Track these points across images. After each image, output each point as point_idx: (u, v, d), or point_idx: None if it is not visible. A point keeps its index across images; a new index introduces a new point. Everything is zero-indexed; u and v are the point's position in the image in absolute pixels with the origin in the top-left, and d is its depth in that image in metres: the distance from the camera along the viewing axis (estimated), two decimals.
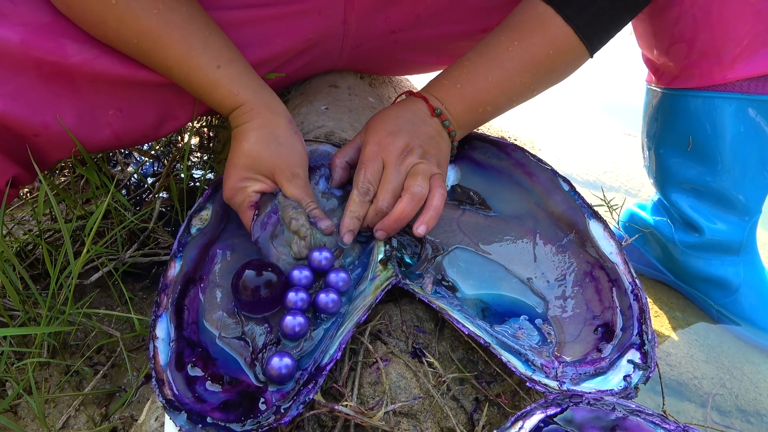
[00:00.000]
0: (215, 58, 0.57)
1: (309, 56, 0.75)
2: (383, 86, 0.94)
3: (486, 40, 0.64)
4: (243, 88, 0.58)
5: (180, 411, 0.46)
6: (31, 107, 0.56)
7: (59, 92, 0.57)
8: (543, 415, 0.45)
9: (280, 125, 0.59)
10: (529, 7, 0.62)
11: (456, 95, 0.63)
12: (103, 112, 0.61)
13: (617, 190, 1.25)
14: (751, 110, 0.74)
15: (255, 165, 0.58)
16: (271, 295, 0.54)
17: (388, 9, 0.72)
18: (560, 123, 1.45)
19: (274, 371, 0.49)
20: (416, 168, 0.58)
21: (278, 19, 0.67)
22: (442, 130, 0.62)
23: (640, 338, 0.54)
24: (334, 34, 0.73)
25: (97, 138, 0.62)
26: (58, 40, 0.54)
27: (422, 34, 0.78)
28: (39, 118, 0.57)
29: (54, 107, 0.57)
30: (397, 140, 0.59)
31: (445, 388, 0.53)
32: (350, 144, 0.63)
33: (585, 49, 0.62)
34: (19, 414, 0.61)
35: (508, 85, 0.63)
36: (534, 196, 0.66)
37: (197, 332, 0.53)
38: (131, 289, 0.74)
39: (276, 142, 0.58)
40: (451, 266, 0.62)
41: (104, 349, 0.67)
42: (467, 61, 0.64)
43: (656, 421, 0.45)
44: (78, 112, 0.59)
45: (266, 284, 0.54)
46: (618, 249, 0.60)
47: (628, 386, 0.50)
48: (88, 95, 0.59)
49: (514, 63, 0.61)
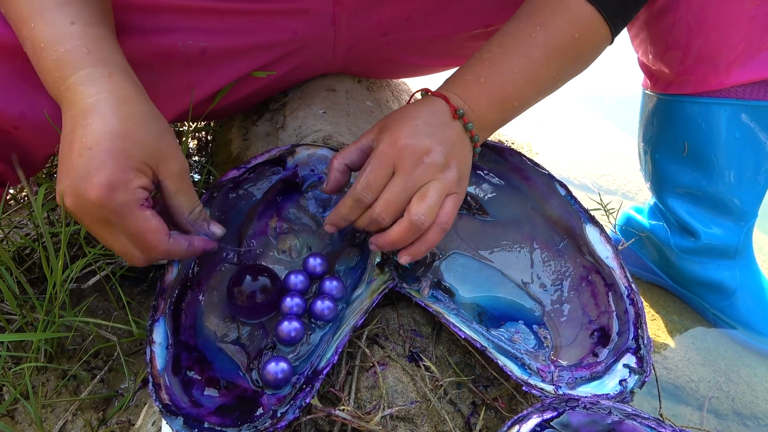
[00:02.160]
0: (72, 15, 0.46)
1: (300, 58, 0.75)
2: (381, 90, 0.94)
3: (504, 29, 0.58)
4: (98, 48, 0.46)
5: (177, 415, 0.46)
6: (5, 98, 0.55)
7: (35, 84, 0.53)
8: (539, 419, 0.46)
9: (148, 100, 0.47)
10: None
11: (480, 91, 0.55)
12: None
13: (614, 193, 1.26)
14: (744, 116, 0.74)
15: (133, 151, 0.44)
16: (266, 300, 0.54)
17: (378, 10, 0.71)
18: (557, 126, 1.46)
19: (271, 376, 0.49)
20: (429, 187, 0.51)
21: (264, 14, 0.66)
22: (464, 134, 0.55)
23: (636, 342, 0.54)
24: (324, 36, 0.73)
25: None
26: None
27: (415, 35, 0.78)
28: (15, 109, 0.55)
29: (30, 99, 0.56)
30: (415, 145, 0.51)
31: (442, 392, 0.53)
32: (354, 145, 0.56)
33: (608, 31, 0.58)
34: (16, 419, 0.61)
35: (535, 76, 0.57)
36: (531, 201, 0.66)
37: (194, 336, 0.53)
38: (129, 294, 0.74)
39: (153, 119, 0.47)
40: (449, 270, 0.62)
41: (101, 354, 0.67)
42: (487, 53, 0.57)
43: (652, 425, 0.46)
44: (55, 103, 0.55)
45: (262, 289, 0.54)
46: (614, 253, 0.60)
47: (624, 390, 0.50)
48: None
49: (539, 50, 0.56)
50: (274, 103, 0.85)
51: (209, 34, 0.64)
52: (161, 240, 0.46)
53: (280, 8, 0.66)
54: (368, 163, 0.52)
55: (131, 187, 0.44)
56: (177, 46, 0.62)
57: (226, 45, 0.66)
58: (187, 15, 0.62)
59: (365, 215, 0.52)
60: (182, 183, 0.48)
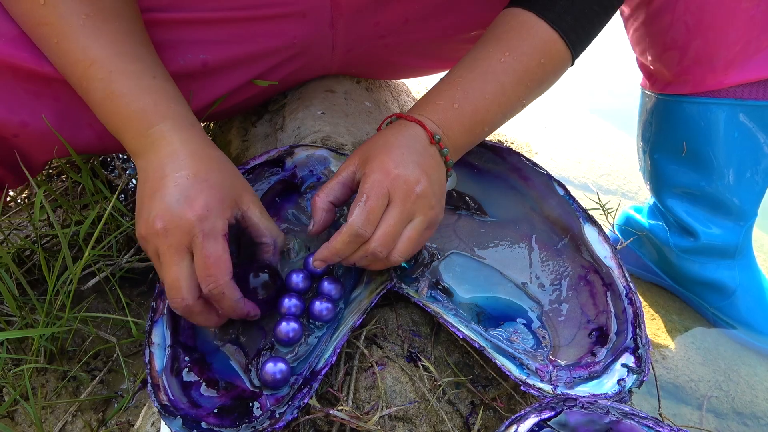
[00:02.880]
0: (152, 70, 0.52)
1: (299, 62, 0.75)
2: (380, 90, 0.94)
3: (472, 54, 0.60)
4: (177, 103, 0.52)
5: (175, 416, 0.46)
6: (7, 107, 0.55)
7: (36, 93, 0.56)
8: (537, 419, 0.46)
9: (213, 145, 0.53)
10: (511, 17, 0.60)
11: (454, 116, 0.56)
12: (84, 111, 0.58)
13: (614, 193, 1.26)
14: (742, 115, 0.74)
15: (223, 185, 0.50)
16: (266, 296, 0.54)
17: (377, 13, 0.71)
18: (557, 126, 1.46)
19: (269, 376, 0.49)
20: (417, 224, 0.52)
21: (261, 20, 0.66)
22: (440, 159, 0.56)
23: (634, 342, 0.54)
24: (322, 39, 0.73)
25: (80, 138, 0.61)
26: (33, 50, 0.54)
27: (413, 38, 0.78)
28: (16, 117, 0.56)
29: (31, 107, 0.57)
30: (408, 175, 0.51)
31: (441, 392, 0.53)
32: (335, 180, 0.55)
33: (570, 55, 0.61)
34: (16, 420, 0.61)
35: (505, 99, 0.59)
36: (529, 201, 0.66)
37: (193, 337, 0.53)
38: (128, 294, 0.74)
39: (228, 160, 0.53)
40: (447, 271, 0.62)
41: (101, 355, 0.67)
42: (459, 78, 0.58)
43: (650, 424, 0.46)
44: (57, 111, 0.58)
45: (263, 286, 0.53)
46: (612, 253, 0.60)
47: (622, 390, 0.50)
48: (65, 96, 0.58)
49: (508, 75, 0.58)
50: (273, 104, 0.85)
51: (209, 46, 0.65)
52: (226, 272, 0.48)
53: (277, 13, 0.66)
54: (363, 194, 0.50)
55: (223, 215, 0.49)
56: (177, 61, 0.63)
57: (226, 55, 0.66)
58: (186, 27, 0.63)
59: (361, 249, 0.51)
60: (264, 211, 0.53)
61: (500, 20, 0.61)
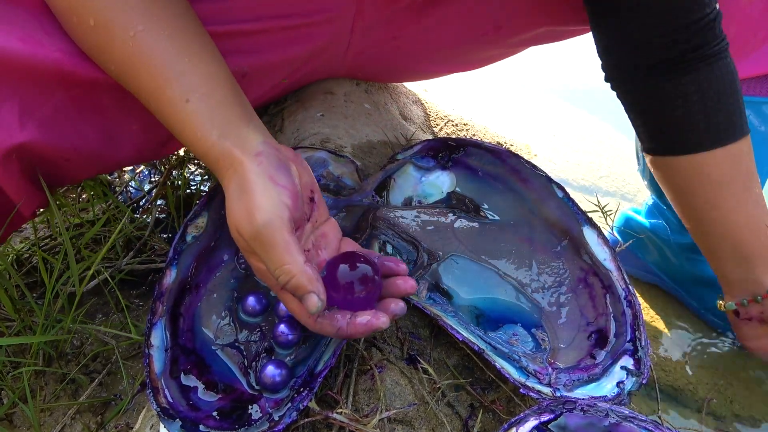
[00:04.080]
0: (187, 90, 0.48)
1: (312, 65, 0.75)
2: (379, 92, 0.94)
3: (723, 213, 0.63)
4: (210, 129, 0.47)
5: (174, 419, 0.46)
6: (62, 132, 0.53)
7: (86, 114, 0.54)
8: (536, 422, 0.46)
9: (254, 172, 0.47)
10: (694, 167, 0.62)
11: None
12: (127, 128, 0.58)
13: (613, 195, 1.26)
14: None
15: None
16: (367, 294, 0.47)
17: (396, 21, 0.71)
18: (556, 129, 1.46)
19: (268, 379, 0.49)
20: None
21: (293, 28, 0.65)
22: None
23: (633, 345, 0.54)
24: (339, 43, 0.73)
25: (121, 154, 0.61)
26: (90, 63, 0.52)
27: (426, 42, 0.78)
28: (68, 143, 0.54)
29: (82, 130, 0.55)
30: None
31: (440, 394, 0.53)
32: None
33: (744, 136, 0.63)
34: (14, 422, 0.61)
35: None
36: (528, 203, 0.66)
37: (192, 340, 0.53)
38: (127, 297, 0.74)
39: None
40: (446, 273, 0.62)
41: (100, 357, 0.67)
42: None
43: (649, 427, 0.46)
44: (103, 130, 0.57)
45: (361, 280, 0.47)
46: (611, 255, 0.60)
47: (622, 393, 0.50)
48: (112, 113, 0.56)
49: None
50: (272, 106, 0.85)
51: (248, 56, 0.63)
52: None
53: (308, 21, 0.65)
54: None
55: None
56: None
57: (262, 64, 0.66)
58: (228, 40, 0.60)
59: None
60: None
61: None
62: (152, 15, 0.48)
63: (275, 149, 0.48)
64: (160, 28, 0.48)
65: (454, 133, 1.13)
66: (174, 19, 0.49)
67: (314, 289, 0.43)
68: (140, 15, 0.47)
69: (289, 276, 0.43)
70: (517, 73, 1.57)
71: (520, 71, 1.57)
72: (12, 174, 0.51)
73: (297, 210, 0.46)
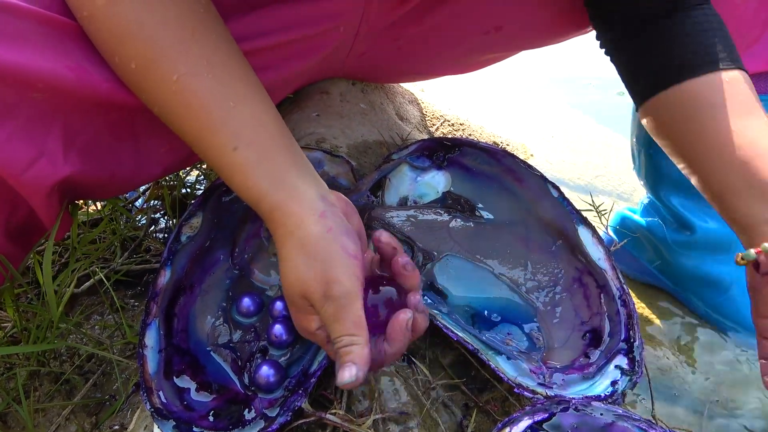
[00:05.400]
0: (234, 136, 0.46)
1: (316, 68, 0.74)
2: (375, 92, 0.94)
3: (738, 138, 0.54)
4: (260, 178, 0.46)
5: (168, 419, 0.46)
6: (100, 159, 0.52)
7: (123, 138, 0.53)
8: (530, 422, 0.46)
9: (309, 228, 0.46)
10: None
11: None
12: (157, 150, 0.57)
13: (609, 194, 1.26)
14: None
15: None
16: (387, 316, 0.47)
17: (401, 26, 0.71)
18: (552, 128, 1.46)
19: (262, 379, 0.49)
20: None
21: (301, 40, 0.64)
22: None
23: (627, 344, 0.54)
24: (342, 48, 0.72)
25: (149, 174, 0.60)
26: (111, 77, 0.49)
27: (428, 44, 0.77)
28: (108, 170, 0.54)
29: (118, 155, 0.54)
30: None
31: (435, 394, 0.53)
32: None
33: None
34: (8, 423, 0.61)
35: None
36: (524, 203, 0.66)
37: (186, 340, 0.53)
38: (122, 297, 0.74)
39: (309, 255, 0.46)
40: (442, 273, 0.62)
41: (95, 357, 0.67)
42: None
43: (643, 426, 0.46)
44: (136, 154, 0.56)
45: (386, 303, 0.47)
46: (606, 255, 0.60)
47: (616, 392, 0.51)
48: (145, 137, 0.56)
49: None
50: None
51: (267, 71, 0.61)
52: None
53: (317, 31, 0.64)
54: None
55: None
56: None
57: (278, 76, 0.65)
58: (250, 58, 0.56)
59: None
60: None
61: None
62: (193, 54, 0.46)
63: (333, 205, 0.47)
64: (204, 70, 0.46)
65: (451, 132, 1.13)
66: (215, 55, 0.47)
67: (363, 368, 0.42)
68: (182, 55, 0.46)
69: (351, 347, 0.42)
70: (514, 73, 1.57)
71: (516, 71, 1.57)
72: (53, 206, 0.51)
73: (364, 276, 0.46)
